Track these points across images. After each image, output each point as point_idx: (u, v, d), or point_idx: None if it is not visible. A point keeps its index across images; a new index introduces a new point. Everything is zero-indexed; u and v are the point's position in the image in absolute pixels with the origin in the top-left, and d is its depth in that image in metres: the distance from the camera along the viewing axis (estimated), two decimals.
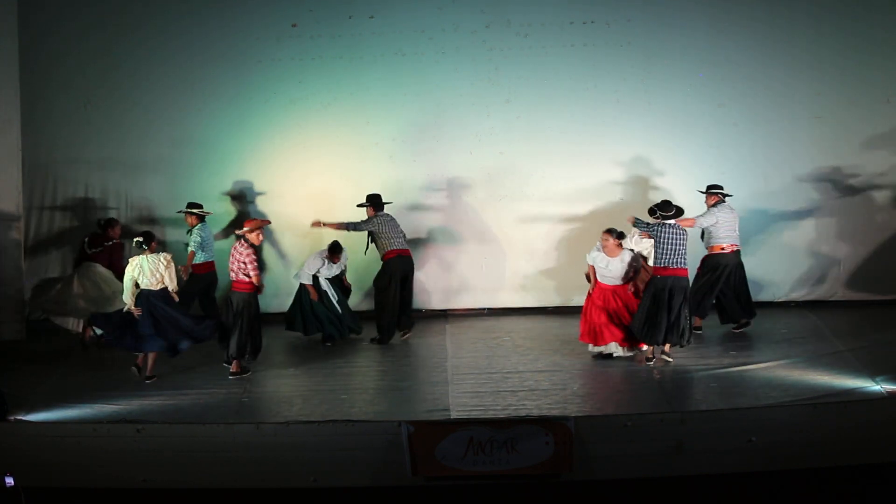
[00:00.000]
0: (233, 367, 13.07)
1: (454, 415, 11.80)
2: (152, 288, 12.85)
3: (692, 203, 14.83)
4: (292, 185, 15.14)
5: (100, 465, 11.30)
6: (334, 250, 14.15)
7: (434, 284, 15.18)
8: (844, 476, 11.38)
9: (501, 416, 11.58)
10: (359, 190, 15.06)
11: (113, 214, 15.04)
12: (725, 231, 13.85)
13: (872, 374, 12.49)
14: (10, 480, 11.13)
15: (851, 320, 14.49)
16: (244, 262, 12.93)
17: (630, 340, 13.16)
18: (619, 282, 13.17)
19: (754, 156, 15.08)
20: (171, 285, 12.97)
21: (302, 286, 14.14)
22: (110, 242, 14.32)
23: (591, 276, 13.29)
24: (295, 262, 15.12)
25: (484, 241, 15.23)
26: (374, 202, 14.24)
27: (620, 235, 13.19)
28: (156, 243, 13.17)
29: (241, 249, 12.97)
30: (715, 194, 14.00)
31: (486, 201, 15.10)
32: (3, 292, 14.28)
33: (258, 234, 13.13)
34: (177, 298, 13.07)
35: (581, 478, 11.22)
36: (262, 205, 15.12)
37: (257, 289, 13.03)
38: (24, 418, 11.75)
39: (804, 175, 15.09)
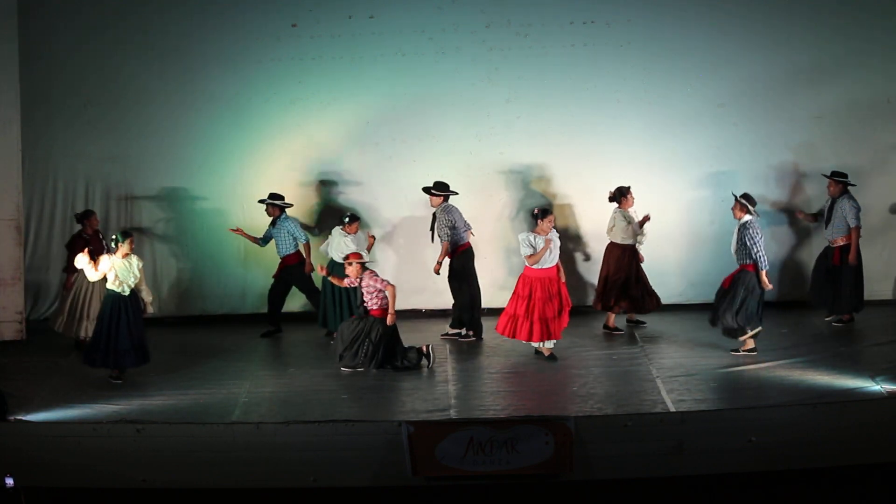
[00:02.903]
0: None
1: (454, 415, 11.80)
2: (122, 292, 12.71)
3: (691, 203, 14.86)
4: (292, 185, 15.13)
5: (100, 465, 11.29)
6: (351, 220, 14.02)
7: (434, 284, 15.15)
8: (844, 476, 11.37)
9: (501, 416, 11.58)
10: (359, 190, 15.12)
11: (113, 215, 15.06)
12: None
13: (872, 374, 12.50)
14: (10, 481, 11.12)
15: (850, 320, 14.48)
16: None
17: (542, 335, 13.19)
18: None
19: (754, 156, 15.09)
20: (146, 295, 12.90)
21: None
22: (84, 238, 13.97)
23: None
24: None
25: (484, 241, 15.21)
26: (446, 191, 14.13)
27: (536, 216, 13.18)
28: (132, 244, 12.76)
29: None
30: (842, 182, 14.19)
31: (487, 201, 15.09)
32: (3, 292, 14.28)
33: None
34: (150, 309, 12.97)
35: (581, 478, 11.22)
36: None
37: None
38: (24, 418, 11.75)
39: (804, 175, 15.09)
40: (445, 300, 14.98)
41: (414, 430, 11.11)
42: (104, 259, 12.68)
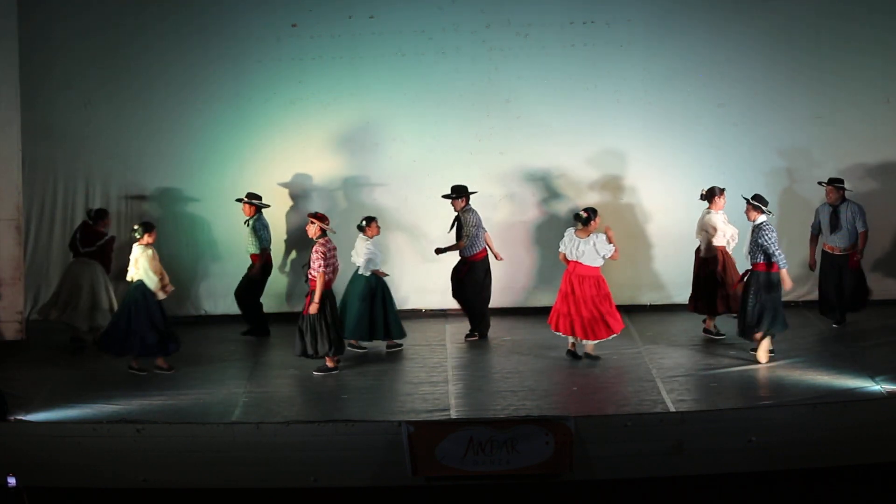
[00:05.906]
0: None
1: (454, 415, 11.80)
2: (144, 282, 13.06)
3: (690, 202, 14.84)
4: (292, 186, 15.14)
5: (100, 465, 11.30)
6: (370, 221, 13.63)
7: (434, 284, 15.17)
8: (844, 476, 11.38)
9: (501, 416, 11.59)
10: (358, 190, 15.11)
11: (112, 214, 15.03)
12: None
13: (872, 374, 12.50)
14: (12, 481, 11.13)
15: (852, 320, 14.48)
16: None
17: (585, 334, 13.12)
18: (591, 264, 13.06)
19: (754, 156, 15.10)
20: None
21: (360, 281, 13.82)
22: (103, 241, 14.18)
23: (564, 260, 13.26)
24: (293, 263, 15.16)
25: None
26: (466, 193, 14.14)
27: (584, 220, 13.03)
28: (153, 235, 13.11)
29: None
30: (842, 189, 14.16)
31: (486, 201, 15.07)
32: (3, 292, 14.28)
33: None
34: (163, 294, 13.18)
35: (581, 478, 11.23)
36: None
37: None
38: (24, 418, 11.76)
39: (804, 175, 15.10)
40: (445, 300, 14.98)
41: (414, 430, 11.12)
42: (151, 252, 13.00)
